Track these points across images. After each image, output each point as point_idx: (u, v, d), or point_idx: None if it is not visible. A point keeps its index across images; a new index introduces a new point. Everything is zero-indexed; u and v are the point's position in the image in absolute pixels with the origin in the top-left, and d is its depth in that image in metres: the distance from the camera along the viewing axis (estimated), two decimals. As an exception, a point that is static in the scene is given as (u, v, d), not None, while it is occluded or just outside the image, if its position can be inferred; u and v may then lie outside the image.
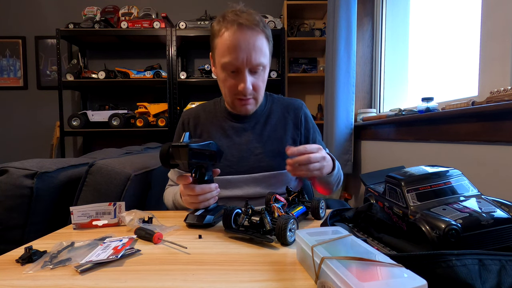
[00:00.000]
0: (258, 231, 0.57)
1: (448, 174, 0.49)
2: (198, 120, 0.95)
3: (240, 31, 0.77)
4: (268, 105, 0.96)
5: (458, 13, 1.36)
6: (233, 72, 0.81)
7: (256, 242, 0.57)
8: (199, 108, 0.99)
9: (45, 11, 2.74)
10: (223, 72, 0.83)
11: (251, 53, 0.78)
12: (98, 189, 0.89)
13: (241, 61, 0.78)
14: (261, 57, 0.81)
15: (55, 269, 0.47)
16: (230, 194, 0.89)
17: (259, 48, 0.79)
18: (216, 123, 0.94)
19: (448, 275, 0.34)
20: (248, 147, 0.90)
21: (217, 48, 0.82)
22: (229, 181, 0.89)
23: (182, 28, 2.39)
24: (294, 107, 0.96)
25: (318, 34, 2.45)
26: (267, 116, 0.94)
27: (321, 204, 0.71)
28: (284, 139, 0.92)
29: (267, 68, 0.86)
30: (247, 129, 0.92)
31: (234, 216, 0.62)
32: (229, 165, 0.89)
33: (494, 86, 0.94)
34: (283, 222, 0.53)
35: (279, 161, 0.89)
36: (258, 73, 0.83)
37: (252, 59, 0.79)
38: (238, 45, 0.77)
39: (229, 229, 0.61)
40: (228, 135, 0.92)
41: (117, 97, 2.77)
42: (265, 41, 0.82)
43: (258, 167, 0.89)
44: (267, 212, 0.59)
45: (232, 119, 0.93)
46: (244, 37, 0.77)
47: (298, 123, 0.94)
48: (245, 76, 0.80)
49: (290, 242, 0.54)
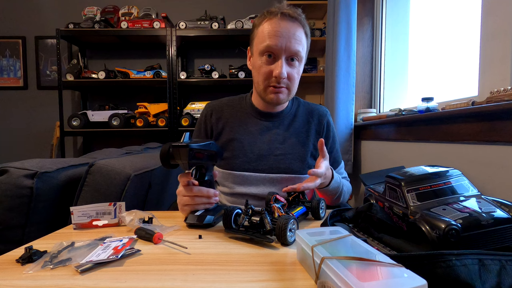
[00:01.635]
0: (258, 231, 0.57)
1: (448, 174, 0.49)
2: (221, 114, 0.95)
3: (282, 19, 0.80)
4: (294, 108, 0.97)
5: (458, 13, 1.36)
6: (270, 57, 0.82)
7: (256, 242, 0.57)
8: (223, 102, 0.98)
9: (45, 11, 2.74)
10: (260, 59, 0.84)
11: (291, 40, 0.80)
12: (98, 189, 0.89)
13: (280, 46, 0.80)
14: (299, 46, 0.82)
15: (55, 269, 0.47)
16: (245, 191, 0.88)
17: (298, 38, 0.81)
18: (240, 118, 0.93)
19: (448, 275, 0.34)
20: (269, 147, 0.90)
21: (257, 36, 0.84)
22: (246, 178, 0.88)
23: (182, 28, 2.39)
24: (319, 113, 0.97)
25: (318, 34, 2.45)
26: (292, 118, 0.95)
27: (321, 204, 0.71)
28: (306, 144, 0.92)
29: (303, 62, 0.87)
30: (271, 128, 0.92)
31: (234, 216, 0.62)
32: (248, 162, 0.88)
33: (494, 86, 0.94)
34: (283, 222, 0.53)
35: (299, 165, 0.89)
36: (294, 63, 0.84)
37: (290, 46, 0.80)
38: (279, 31, 0.80)
39: (229, 229, 0.61)
40: (251, 132, 0.91)
41: (117, 97, 2.77)
42: (303, 35, 0.84)
43: (277, 168, 0.88)
44: (267, 212, 0.59)
45: (257, 116, 0.93)
46: (286, 25, 0.80)
47: (321, 131, 0.95)
48: (281, 62, 0.81)
49: (290, 242, 0.54)
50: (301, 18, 0.83)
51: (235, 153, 0.89)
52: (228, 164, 0.89)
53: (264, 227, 0.57)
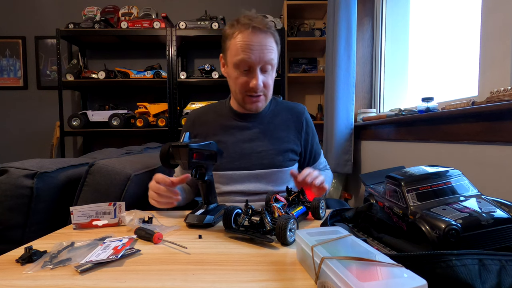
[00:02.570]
0: (258, 231, 0.57)
1: (448, 174, 0.49)
2: (203, 119, 1.00)
3: (254, 33, 0.84)
4: (272, 107, 1.02)
5: (458, 13, 1.36)
6: (246, 70, 0.87)
7: (256, 242, 0.57)
8: (205, 108, 1.04)
9: (45, 11, 2.74)
10: (236, 71, 0.88)
11: (264, 52, 0.85)
12: (98, 189, 0.89)
13: (254, 59, 0.84)
14: (272, 55, 0.87)
15: (55, 269, 0.47)
16: (232, 189, 0.92)
17: (270, 47, 0.86)
18: (221, 121, 0.98)
19: (448, 275, 0.34)
20: (250, 145, 0.94)
21: (230, 49, 0.88)
22: (230, 177, 0.92)
23: (182, 28, 2.39)
24: (297, 111, 1.02)
25: (318, 34, 2.45)
26: (271, 116, 0.99)
27: (321, 204, 0.72)
28: (286, 140, 0.96)
29: (275, 67, 0.91)
30: (251, 128, 0.96)
31: (234, 216, 0.62)
32: (231, 161, 0.92)
33: (494, 86, 0.94)
34: (283, 222, 0.54)
35: (281, 159, 0.94)
36: (267, 71, 0.88)
37: (264, 57, 0.85)
38: (252, 45, 0.83)
39: (229, 229, 0.61)
40: (232, 133, 0.96)
41: (117, 97, 2.77)
42: (274, 44, 0.89)
43: (260, 164, 0.92)
44: (267, 212, 0.59)
45: (236, 118, 0.98)
46: (258, 38, 0.84)
47: (300, 127, 1.00)
48: (257, 74, 0.86)
49: (290, 242, 0.54)
50: (271, 28, 0.87)
51: None
52: None
53: (264, 227, 0.57)
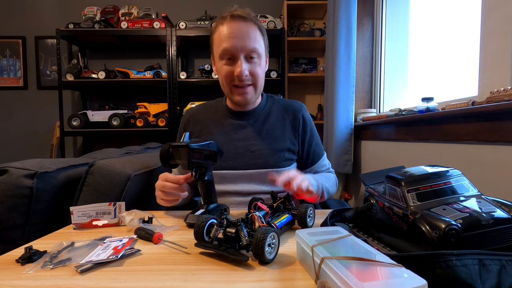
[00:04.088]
0: (233, 246, 0.49)
1: (448, 174, 0.49)
2: (198, 118, 0.98)
3: (233, 21, 0.83)
4: (268, 105, 0.99)
5: (458, 13, 1.36)
6: (229, 59, 0.85)
7: (229, 260, 0.49)
8: (200, 107, 1.02)
9: (45, 11, 2.74)
10: (221, 62, 0.86)
11: (245, 39, 0.83)
12: (98, 189, 0.89)
13: (236, 47, 0.82)
14: (255, 43, 0.84)
15: (55, 269, 0.47)
16: (225, 189, 0.91)
17: (252, 36, 0.84)
18: (216, 120, 0.96)
19: (448, 275, 0.34)
20: (244, 144, 0.92)
21: (214, 42, 0.87)
22: (224, 176, 0.90)
23: (182, 28, 2.39)
24: (294, 108, 0.98)
25: (318, 34, 2.45)
26: (266, 115, 0.96)
27: (309, 212, 0.63)
28: (282, 139, 0.94)
29: (263, 58, 0.89)
30: (246, 127, 0.94)
31: (207, 228, 0.54)
32: (224, 160, 0.90)
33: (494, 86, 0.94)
34: (260, 236, 0.45)
35: (275, 159, 0.91)
36: (253, 60, 0.86)
37: (246, 45, 0.83)
38: (232, 33, 0.82)
39: (199, 244, 0.52)
40: (226, 132, 0.94)
41: (117, 97, 2.77)
42: (258, 32, 0.86)
43: (254, 164, 0.90)
44: (244, 224, 0.51)
45: (231, 116, 0.96)
46: (237, 25, 0.83)
47: (296, 125, 0.96)
48: (240, 61, 0.84)
49: (269, 259, 0.47)
50: (251, 16, 0.85)
51: None
52: None
53: (240, 241, 0.49)
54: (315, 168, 1.00)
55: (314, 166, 1.00)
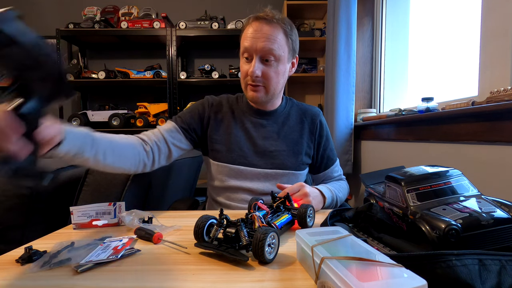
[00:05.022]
0: (233, 246, 0.49)
1: (448, 174, 0.49)
2: (220, 108, 0.97)
3: (257, 22, 0.85)
4: (287, 108, 1.00)
5: (458, 13, 1.36)
6: (247, 58, 0.87)
7: (229, 260, 0.49)
8: (223, 97, 1.01)
9: (45, 11, 2.73)
10: (242, 60, 0.89)
11: (263, 40, 0.83)
12: (98, 189, 0.89)
13: (252, 47, 0.84)
14: (273, 45, 0.84)
15: (55, 269, 0.47)
16: (239, 185, 0.90)
17: (272, 38, 0.84)
18: (237, 114, 0.96)
19: (448, 275, 0.34)
20: (263, 143, 0.92)
21: (241, 40, 0.89)
22: (241, 172, 0.90)
23: (182, 28, 2.39)
24: (312, 113, 1.00)
25: (318, 34, 2.45)
26: (286, 117, 0.98)
27: (309, 212, 0.63)
28: (300, 142, 0.95)
29: (283, 61, 0.88)
30: (265, 126, 0.95)
31: (207, 228, 0.53)
32: (243, 156, 0.91)
33: (494, 86, 0.94)
34: (260, 236, 0.45)
35: (293, 161, 0.92)
36: (269, 62, 0.86)
37: (262, 46, 0.83)
38: (253, 33, 0.84)
39: (199, 244, 0.52)
40: (246, 128, 0.94)
41: (117, 97, 2.77)
42: (281, 34, 0.85)
43: (272, 163, 0.91)
44: (244, 224, 0.51)
45: (252, 114, 0.96)
46: (260, 27, 0.84)
47: (314, 129, 0.98)
48: (254, 62, 0.84)
49: (269, 259, 0.47)
50: (277, 17, 0.85)
51: (231, 147, 0.91)
52: (223, 157, 0.91)
53: (240, 241, 0.49)
54: (327, 173, 1.01)
55: (327, 171, 1.01)
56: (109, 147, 0.72)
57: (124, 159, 0.76)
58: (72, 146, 0.61)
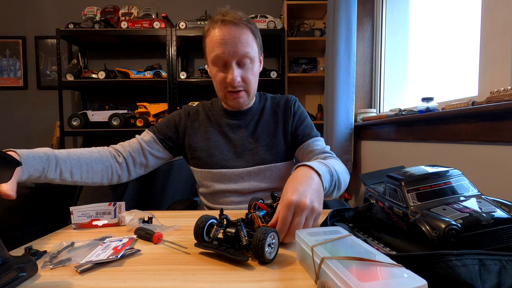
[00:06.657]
0: (233, 246, 0.49)
1: (448, 174, 0.49)
2: (197, 116, 0.98)
3: (224, 26, 0.82)
4: (261, 103, 1.00)
5: (458, 13, 1.36)
6: (222, 66, 0.85)
7: (229, 260, 0.49)
8: (199, 106, 1.02)
9: (45, 11, 2.74)
10: (214, 68, 0.87)
11: (237, 45, 0.82)
12: (98, 189, 0.89)
13: (228, 53, 0.82)
14: (247, 48, 0.84)
15: (55, 269, 0.47)
16: (225, 188, 0.91)
17: (244, 40, 0.83)
18: (213, 120, 0.97)
19: (448, 275, 0.34)
20: (242, 143, 0.93)
21: (207, 46, 0.87)
22: (223, 174, 0.91)
23: (182, 28, 2.39)
24: (285, 101, 1.00)
25: (318, 34, 2.45)
26: (260, 113, 0.98)
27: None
28: (276, 134, 0.95)
29: (256, 61, 0.89)
30: (242, 126, 0.95)
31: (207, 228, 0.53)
32: (224, 159, 0.91)
33: (494, 86, 0.94)
34: (260, 236, 0.45)
35: (273, 154, 0.93)
36: (246, 65, 0.86)
37: (237, 50, 0.82)
38: (224, 39, 0.82)
39: (199, 244, 0.52)
40: (224, 132, 0.95)
41: (117, 97, 2.77)
42: (250, 35, 0.85)
43: (252, 160, 0.92)
44: (244, 223, 0.51)
45: (227, 117, 0.96)
46: (229, 31, 0.82)
47: (288, 114, 0.97)
48: (232, 68, 0.83)
49: (269, 259, 0.47)
50: (243, 19, 0.84)
51: (212, 152, 0.92)
52: (205, 163, 0.92)
53: (240, 241, 0.49)
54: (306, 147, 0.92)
55: (305, 145, 0.93)
56: (76, 165, 0.75)
57: (93, 174, 0.79)
58: (34, 171, 0.65)
